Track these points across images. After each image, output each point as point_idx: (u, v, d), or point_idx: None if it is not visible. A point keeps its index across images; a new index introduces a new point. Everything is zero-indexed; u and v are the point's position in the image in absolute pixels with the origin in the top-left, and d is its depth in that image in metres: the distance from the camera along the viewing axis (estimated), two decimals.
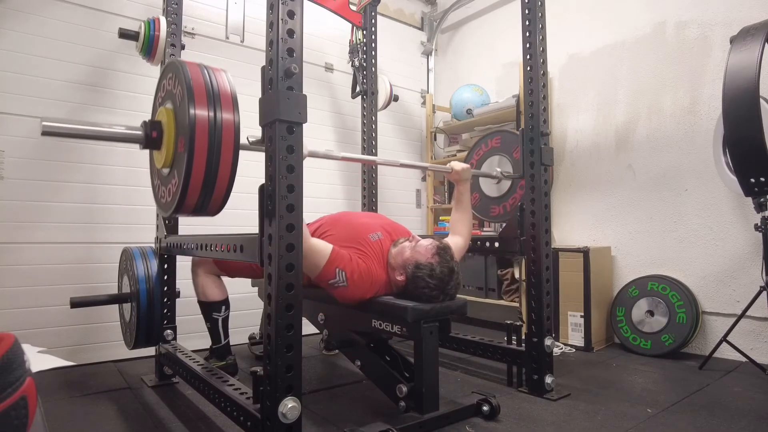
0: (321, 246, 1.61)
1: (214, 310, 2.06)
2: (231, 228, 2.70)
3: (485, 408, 1.68)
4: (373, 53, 3.07)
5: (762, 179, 1.84)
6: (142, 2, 2.57)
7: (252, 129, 1.31)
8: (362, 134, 3.10)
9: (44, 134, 1.21)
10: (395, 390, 1.61)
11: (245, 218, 2.75)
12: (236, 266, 2.09)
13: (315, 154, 1.66)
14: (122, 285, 2.11)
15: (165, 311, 2.00)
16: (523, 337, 2.02)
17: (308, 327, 1.77)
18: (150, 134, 1.35)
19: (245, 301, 2.66)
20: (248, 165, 2.05)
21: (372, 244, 1.75)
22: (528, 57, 2.02)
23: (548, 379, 1.91)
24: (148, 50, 2.15)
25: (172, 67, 1.33)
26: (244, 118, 1.27)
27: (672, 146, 2.67)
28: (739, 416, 1.69)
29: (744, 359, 2.22)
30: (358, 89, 3.03)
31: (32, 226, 2.25)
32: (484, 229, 3.41)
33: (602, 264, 2.79)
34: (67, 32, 2.37)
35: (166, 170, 1.34)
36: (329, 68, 3.37)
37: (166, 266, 2.03)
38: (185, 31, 2.61)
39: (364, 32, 3.05)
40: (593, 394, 1.93)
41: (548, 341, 1.93)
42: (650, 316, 2.55)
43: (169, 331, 2.02)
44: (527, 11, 2.03)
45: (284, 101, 1.22)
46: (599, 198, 2.97)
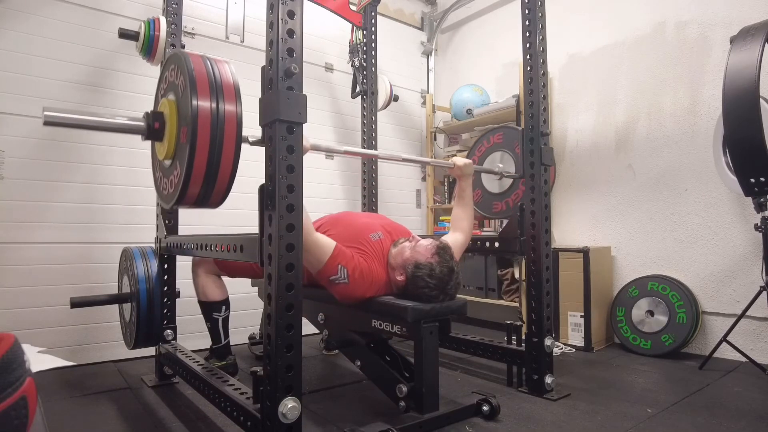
0: (325, 241, 1.61)
1: (215, 310, 2.06)
2: (231, 228, 2.70)
3: (485, 408, 1.69)
4: (373, 53, 3.07)
5: (762, 179, 1.84)
6: (142, 2, 2.56)
7: (252, 129, 1.31)
8: (362, 134, 3.10)
9: (46, 124, 1.20)
10: (395, 390, 1.61)
11: (245, 218, 2.76)
12: (236, 266, 2.09)
13: (318, 148, 1.66)
14: (122, 285, 2.11)
15: (165, 311, 2.00)
16: (523, 337, 2.02)
17: (308, 327, 1.78)
18: (152, 125, 1.34)
19: (245, 301, 2.66)
20: (248, 165, 2.05)
21: (373, 244, 1.75)
22: (528, 57, 2.02)
23: (548, 379, 1.91)
24: (148, 50, 2.15)
25: (175, 59, 1.32)
26: (244, 118, 1.27)
27: (672, 146, 2.67)
28: (739, 416, 1.69)
29: (744, 359, 2.22)
30: (358, 89, 3.03)
31: (32, 226, 2.25)
32: (484, 229, 3.41)
33: (602, 264, 2.79)
34: (67, 32, 2.37)
35: (168, 162, 1.33)
36: (329, 68, 3.37)
37: (166, 266, 2.03)
38: (185, 31, 2.61)
39: (364, 32, 3.05)
40: (593, 394, 1.93)
41: (548, 341, 1.93)
42: (650, 316, 2.55)
43: (169, 331, 2.02)
44: (527, 11, 2.03)
45: (284, 101, 1.22)
46: (599, 198, 2.97)
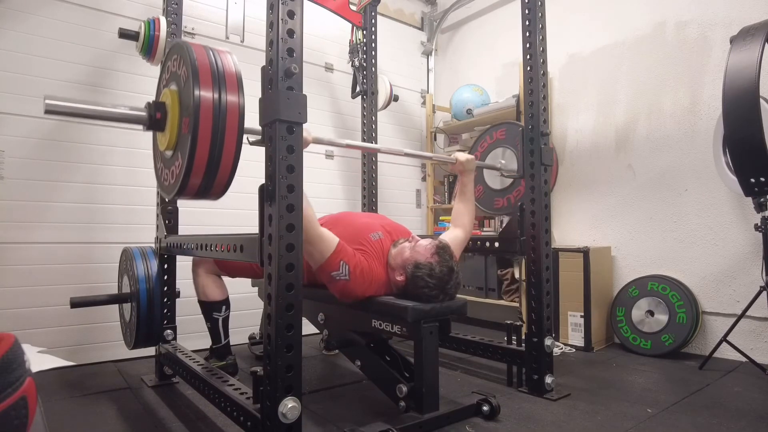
0: (329, 235, 1.60)
1: (215, 310, 2.06)
2: (231, 228, 2.70)
3: (485, 408, 1.68)
4: (373, 53, 3.07)
5: (762, 179, 1.84)
6: (142, 2, 2.56)
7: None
8: (362, 134, 3.10)
9: (47, 113, 1.20)
10: (395, 390, 1.61)
11: (245, 218, 2.76)
12: (237, 266, 2.09)
13: (320, 141, 1.66)
14: (122, 285, 2.11)
15: (165, 311, 2.00)
16: (523, 337, 2.02)
17: (308, 327, 1.78)
18: (154, 115, 1.33)
19: (245, 301, 2.66)
20: (248, 165, 2.05)
21: (373, 244, 1.75)
22: (528, 57, 2.02)
23: (548, 379, 1.91)
24: (148, 50, 2.15)
25: (178, 48, 1.31)
26: (245, 119, 1.27)
27: (672, 146, 2.67)
28: (739, 416, 1.69)
29: (744, 359, 2.22)
30: (358, 89, 3.04)
31: (32, 226, 2.25)
32: (484, 229, 3.41)
33: (602, 264, 2.79)
34: (67, 32, 2.37)
35: (170, 152, 1.32)
36: (329, 68, 3.37)
37: (166, 266, 2.03)
38: (185, 31, 2.61)
39: (364, 32, 3.05)
40: (593, 394, 1.93)
41: (548, 341, 1.93)
42: (650, 316, 2.55)
43: (169, 331, 2.02)
44: (527, 11, 2.03)
45: (284, 101, 1.22)
46: (599, 198, 2.97)
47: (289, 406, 1.21)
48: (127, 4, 2.54)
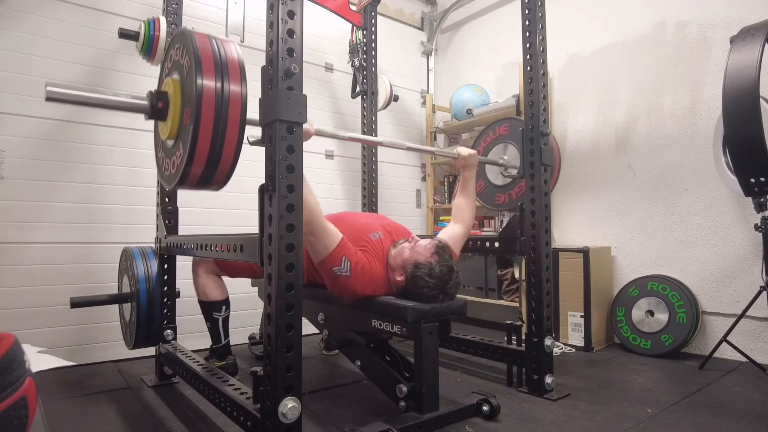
0: (334, 229, 1.60)
1: (215, 310, 2.06)
2: (231, 228, 2.70)
3: (485, 408, 1.68)
4: (373, 53, 3.07)
5: (762, 179, 1.84)
6: (142, 2, 2.56)
7: (252, 129, 1.30)
8: (362, 134, 3.10)
9: (48, 100, 1.19)
10: (395, 390, 1.61)
11: (245, 218, 2.76)
12: (237, 266, 2.09)
13: (322, 133, 1.66)
14: (122, 285, 2.11)
15: (165, 311, 2.00)
16: (523, 337, 2.02)
17: (308, 327, 1.78)
18: (156, 104, 1.32)
19: (245, 301, 2.66)
20: (248, 165, 2.05)
21: (373, 243, 1.75)
22: (528, 57, 2.02)
23: (548, 379, 1.91)
24: (148, 50, 2.15)
25: (181, 37, 1.30)
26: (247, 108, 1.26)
27: (672, 146, 2.67)
28: (739, 416, 1.69)
29: (744, 359, 2.22)
30: (358, 89, 3.04)
31: (32, 226, 2.25)
32: (484, 229, 3.41)
33: (602, 264, 2.79)
34: (67, 32, 2.37)
35: (171, 142, 1.32)
36: (329, 68, 3.37)
37: (166, 266, 2.03)
38: None
39: (364, 32, 3.05)
40: (593, 394, 1.93)
41: (548, 341, 1.93)
42: (650, 316, 2.55)
43: (169, 331, 2.02)
44: (527, 11, 2.03)
45: (284, 101, 1.22)
46: (599, 198, 2.97)
47: (289, 406, 1.21)
48: (127, 4, 2.54)
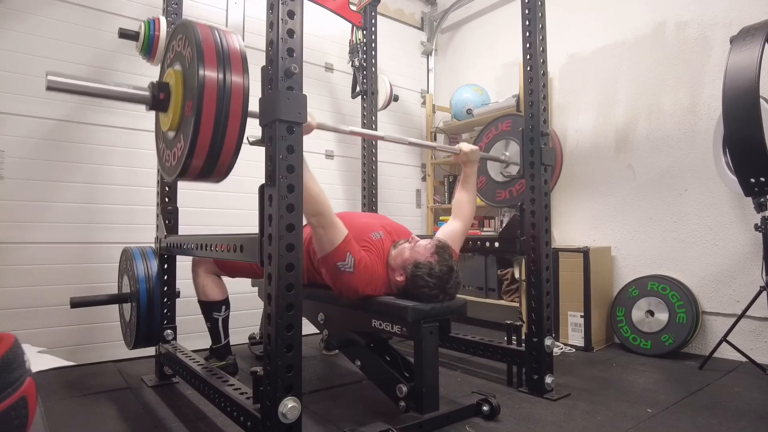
0: (341, 224, 1.60)
1: (214, 310, 2.06)
2: (231, 228, 2.70)
3: (485, 408, 1.69)
4: (373, 53, 3.07)
5: (762, 179, 1.84)
6: (142, 2, 2.56)
7: (252, 129, 1.31)
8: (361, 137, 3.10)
9: (49, 89, 1.18)
10: (395, 390, 1.61)
11: (245, 218, 2.76)
12: (236, 266, 2.09)
13: (323, 126, 1.66)
14: (122, 285, 2.11)
15: (165, 311, 2.00)
16: (523, 337, 2.02)
17: (308, 327, 1.77)
18: (157, 95, 1.32)
19: (245, 301, 2.66)
20: (248, 165, 2.05)
21: (374, 243, 1.75)
22: (528, 57, 2.02)
23: (548, 379, 1.91)
24: (148, 50, 2.15)
25: (183, 28, 1.30)
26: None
27: (672, 146, 2.67)
28: (739, 416, 1.69)
29: (744, 359, 2.22)
30: (358, 89, 3.03)
31: (32, 226, 2.25)
32: (484, 229, 3.41)
33: (602, 264, 2.79)
34: (67, 32, 2.37)
35: (172, 133, 1.31)
36: (329, 68, 3.37)
37: (166, 266, 2.03)
38: None
39: (364, 32, 3.05)
40: (593, 394, 1.93)
41: (548, 341, 1.93)
42: (650, 316, 2.55)
43: (169, 331, 2.02)
44: (527, 11, 2.03)
45: (284, 101, 1.22)
46: (599, 198, 2.97)
47: (289, 406, 1.21)
48: (127, 4, 2.54)
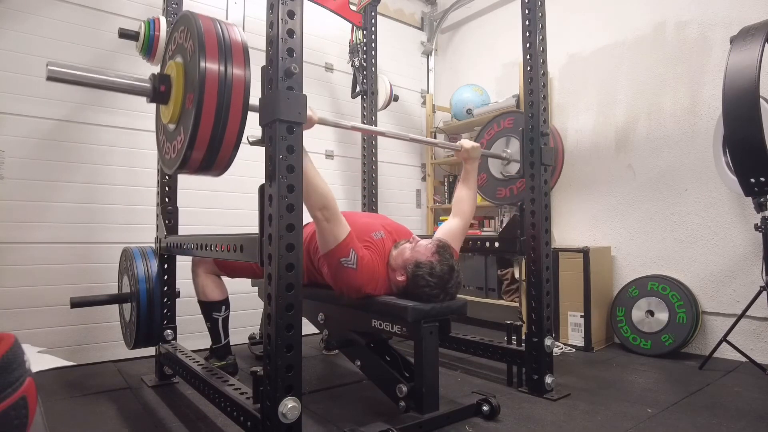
0: (344, 220, 1.60)
1: (214, 310, 2.06)
2: (231, 228, 2.70)
3: (485, 408, 1.69)
4: (373, 53, 3.07)
5: (762, 179, 1.84)
6: (142, 2, 2.56)
7: (252, 129, 1.31)
8: (362, 134, 3.10)
9: (49, 79, 1.18)
10: (395, 390, 1.61)
11: (245, 218, 2.76)
12: (236, 266, 2.09)
13: (325, 122, 1.66)
14: (122, 285, 2.11)
15: (165, 311, 2.00)
16: (523, 337, 2.02)
17: (308, 327, 1.77)
18: (158, 88, 1.31)
19: (245, 301, 2.66)
20: (248, 165, 2.06)
21: (375, 242, 1.75)
22: (528, 57, 2.02)
23: (548, 379, 1.91)
24: (148, 50, 2.15)
25: (185, 20, 1.30)
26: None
27: (672, 146, 2.67)
28: (739, 416, 1.69)
29: (744, 359, 2.22)
30: (358, 89, 3.04)
31: (32, 226, 2.25)
32: (484, 229, 3.41)
33: (602, 264, 2.79)
34: (67, 32, 2.37)
35: (173, 126, 1.31)
36: (329, 68, 3.37)
37: (166, 266, 2.03)
38: None
39: (364, 32, 3.05)
40: (593, 394, 1.93)
41: (548, 341, 1.93)
42: (650, 316, 2.55)
43: (169, 331, 2.02)
44: (527, 11, 2.03)
45: (284, 101, 1.22)
46: (599, 198, 2.97)
47: (289, 406, 1.21)
48: (127, 4, 2.54)
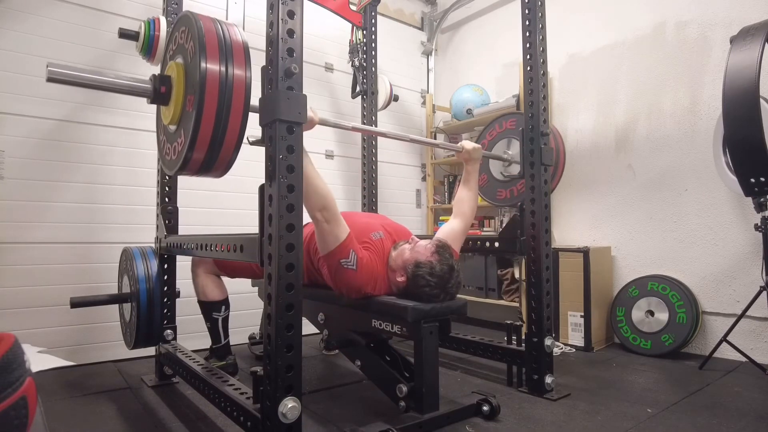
0: (344, 222, 1.60)
1: (214, 310, 2.06)
2: (231, 228, 2.70)
3: (485, 408, 1.69)
4: (373, 53, 3.07)
5: (762, 179, 1.84)
6: (142, 2, 2.56)
7: (252, 129, 1.31)
8: (362, 134, 3.10)
9: (49, 80, 1.18)
10: (395, 390, 1.61)
11: (245, 218, 2.76)
12: (236, 266, 2.09)
13: (326, 122, 1.66)
14: (122, 285, 2.11)
15: (165, 311, 2.00)
16: (523, 337, 2.02)
17: (308, 327, 1.77)
18: (158, 89, 1.31)
19: (245, 301, 2.66)
20: (248, 165, 2.05)
21: (374, 243, 1.75)
22: (528, 57, 2.02)
23: (548, 379, 1.91)
24: (148, 50, 2.15)
25: (186, 21, 1.30)
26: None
27: (672, 146, 2.67)
28: (739, 416, 1.69)
29: (744, 359, 2.22)
30: (358, 89, 3.04)
31: (32, 226, 2.25)
32: (484, 229, 3.41)
33: (602, 264, 2.79)
34: (67, 32, 2.37)
35: (173, 127, 1.31)
36: (329, 68, 3.37)
37: (166, 266, 2.03)
38: None
39: (364, 32, 3.05)
40: (593, 394, 1.93)
41: (548, 341, 1.93)
42: (650, 316, 2.55)
43: (169, 331, 2.02)
44: (527, 11, 2.03)
45: (284, 101, 1.22)
46: (599, 198, 2.97)
47: (289, 406, 1.21)
48: (127, 4, 2.54)
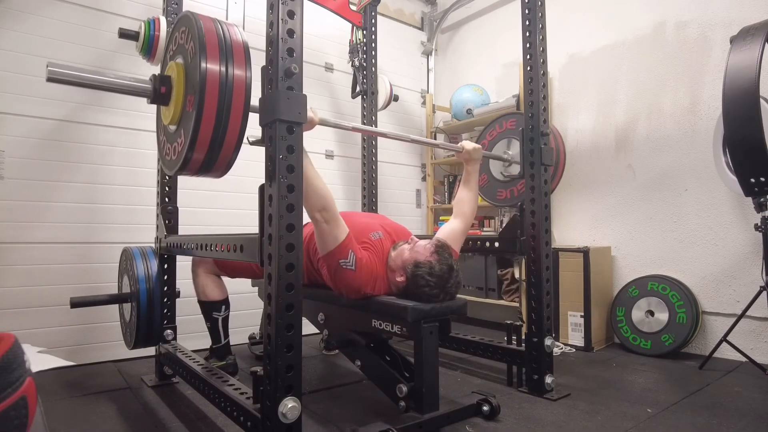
0: (343, 222, 1.60)
1: (214, 310, 2.06)
2: (231, 228, 2.70)
3: (485, 408, 1.69)
4: (373, 53, 3.07)
5: (762, 179, 1.84)
6: (142, 2, 2.57)
7: (252, 129, 1.31)
8: (362, 134, 3.10)
9: (49, 80, 1.18)
10: (395, 390, 1.61)
11: (245, 218, 2.76)
12: (236, 266, 2.09)
13: (326, 122, 1.66)
14: (122, 285, 2.11)
15: (165, 311, 2.00)
16: (523, 337, 2.02)
17: (308, 327, 1.77)
18: (158, 89, 1.31)
19: (245, 301, 2.66)
20: (248, 165, 2.05)
21: (374, 243, 1.75)
22: (528, 57, 2.02)
23: (548, 379, 1.91)
24: (148, 50, 2.15)
25: (186, 21, 1.30)
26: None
27: (672, 146, 2.67)
28: (739, 416, 1.69)
29: (744, 359, 2.22)
30: (358, 89, 3.04)
31: (32, 226, 2.25)
32: (484, 229, 3.41)
33: (602, 264, 2.79)
34: (67, 32, 2.37)
35: (173, 127, 1.31)
36: (329, 68, 3.37)
37: (166, 266, 2.03)
38: None
39: (364, 32, 3.05)
40: (593, 394, 1.93)
41: (548, 341, 1.93)
42: (650, 316, 2.55)
43: (169, 331, 2.02)
44: (527, 11, 2.03)
45: (284, 101, 1.22)
46: (599, 198, 2.97)
47: (289, 406, 1.21)
48: (127, 4, 2.54)
